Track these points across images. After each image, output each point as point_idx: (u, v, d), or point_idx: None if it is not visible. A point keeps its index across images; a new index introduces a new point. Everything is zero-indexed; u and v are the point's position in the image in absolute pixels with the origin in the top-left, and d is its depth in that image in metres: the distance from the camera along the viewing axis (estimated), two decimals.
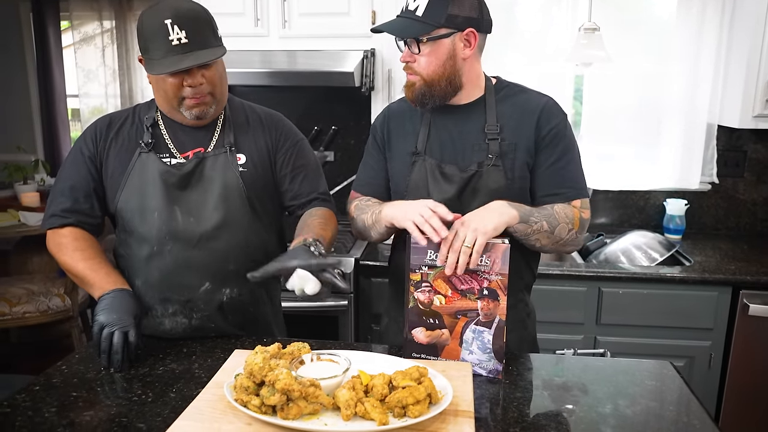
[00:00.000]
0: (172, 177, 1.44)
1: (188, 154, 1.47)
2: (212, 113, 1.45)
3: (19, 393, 1.21)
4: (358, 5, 2.41)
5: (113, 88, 5.13)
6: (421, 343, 1.31)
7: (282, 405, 1.02)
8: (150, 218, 1.45)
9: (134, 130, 1.49)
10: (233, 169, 1.47)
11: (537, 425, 1.10)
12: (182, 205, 1.45)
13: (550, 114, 1.42)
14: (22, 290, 3.09)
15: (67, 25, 5.09)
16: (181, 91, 1.38)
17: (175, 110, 1.44)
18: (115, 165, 1.47)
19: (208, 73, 1.39)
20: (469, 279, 1.26)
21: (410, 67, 1.39)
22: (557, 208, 1.39)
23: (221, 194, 1.46)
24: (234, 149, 1.48)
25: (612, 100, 2.71)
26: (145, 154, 1.46)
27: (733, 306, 2.20)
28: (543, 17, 2.70)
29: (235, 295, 1.50)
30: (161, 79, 1.38)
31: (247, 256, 1.47)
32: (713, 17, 2.50)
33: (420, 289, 1.29)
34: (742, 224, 2.77)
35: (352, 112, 2.85)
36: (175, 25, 1.32)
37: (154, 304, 1.48)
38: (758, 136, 2.68)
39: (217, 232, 1.45)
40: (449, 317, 1.29)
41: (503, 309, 1.26)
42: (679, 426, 1.12)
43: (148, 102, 1.53)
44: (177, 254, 1.45)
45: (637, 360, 1.38)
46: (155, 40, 1.34)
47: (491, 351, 1.27)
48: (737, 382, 2.24)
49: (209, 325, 1.49)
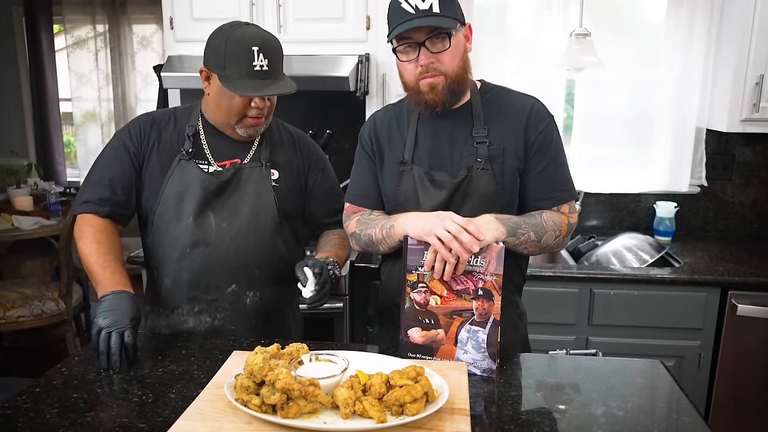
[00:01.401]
0: (212, 185, 1.53)
1: (225, 163, 1.56)
2: (260, 132, 1.56)
3: (19, 395, 1.23)
4: (353, 11, 2.43)
5: (106, 92, 5.13)
6: (417, 343, 1.33)
7: (282, 404, 1.04)
8: (185, 222, 1.53)
9: (176, 135, 1.56)
10: (267, 183, 1.57)
11: (531, 423, 1.13)
12: (217, 210, 1.54)
13: (538, 118, 1.44)
14: (16, 294, 3.09)
15: (59, 29, 5.08)
16: (245, 110, 1.48)
17: (230, 126, 1.53)
18: (155, 166, 1.54)
19: (271, 98, 1.52)
20: (464, 279, 1.29)
21: (433, 68, 1.35)
22: (545, 216, 1.41)
23: (254, 203, 1.55)
24: (269, 164, 1.58)
25: (603, 105, 2.76)
26: (185, 161, 1.53)
27: (722, 306, 2.24)
28: (535, 23, 2.74)
29: (257, 299, 1.59)
30: (229, 96, 1.47)
31: (271, 264, 1.58)
32: (701, 24, 2.55)
33: (416, 290, 1.32)
34: (731, 226, 2.82)
35: (346, 116, 2.87)
36: (261, 53, 1.43)
37: (182, 302, 1.56)
38: (746, 140, 2.73)
39: (246, 238, 1.54)
40: (444, 317, 1.31)
41: (497, 309, 1.29)
42: (669, 423, 1.15)
43: (188, 107, 1.62)
44: (208, 256, 1.53)
45: (629, 359, 1.41)
46: (239, 63, 1.42)
47: (485, 350, 1.29)
48: (726, 380, 2.28)
49: (229, 326, 1.57)
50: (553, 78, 2.70)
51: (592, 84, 2.74)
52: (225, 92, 1.46)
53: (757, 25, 2.31)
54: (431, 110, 1.42)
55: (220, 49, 1.44)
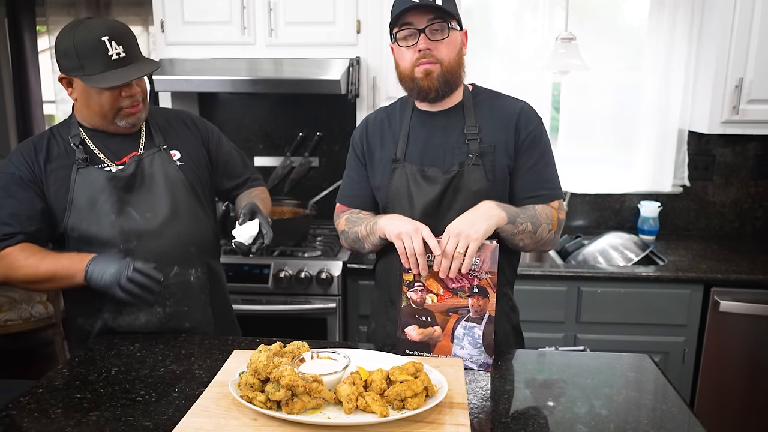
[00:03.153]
0: (119, 182, 1.52)
1: (124, 160, 1.55)
2: (143, 119, 1.56)
3: (22, 396, 1.24)
4: (343, 15, 2.46)
5: None
6: (414, 340, 1.37)
7: (287, 400, 1.07)
8: (106, 222, 1.51)
9: (63, 149, 1.52)
10: (172, 165, 1.59)
11: (527, 416, 1.17)
12: (135, 205, 1.54)
13: (528, 118, 1.49)
14: (4, 298, 3.07)
15: (43, 29, 5.03)
16: (118, 102, 1.47)
17: (108, 122, 1.50)
18: (56, 186, 1.50)
19: (140, 82, 1.50)
20: (460, 278, 1.33)
21: (430, 55, 1.40)
22: (538, 209, 1.46)
23: (167, 187, 1.57)
24: (166, 147, 1.60)
25: (588, 108, 2.81)
26: (84, 168, 1.50)
27: (705, 303, 2.30)
28: (519, 27, 2.79)
29: (201, 274, 1.63)
30: (97, 94, 1.44)
31: (204, 237, 1.64)
32: (683, 29, 2.62)
33: (413, 289, 1.35)
34: (712, 225, 2.90)
35: (336, 119, 2.90)
36: (113, 41, 1.41)
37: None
38: (726, 141, 2.81)
39: (173, 220, 1.57)
40: (441, 315, 1.35)
41: (492, 305, 1.33)
42: (657, 413, 1.19)
43: (65, 122, 1.57)
44: (143, 248, 1.53)
45: (618, 354, 1.46)
46: (93, 57, 1.40)
47: (482, 346, 1.33)
48: (710, 375, 2.34)
49: (182, 309, 1.58)
50: (537, 80, 2.76)
51: (576, 86, 2.79)
52: (91, 91, 1.44)
53: (736, 30, 2.38)
54: (424, 97, 1.46)
55: (71, 51, 1.40)
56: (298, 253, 2.44)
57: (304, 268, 2.33)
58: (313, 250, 2.48)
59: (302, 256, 2.41)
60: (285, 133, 2.96)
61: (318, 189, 2.91)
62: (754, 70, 2.39)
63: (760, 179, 2.83)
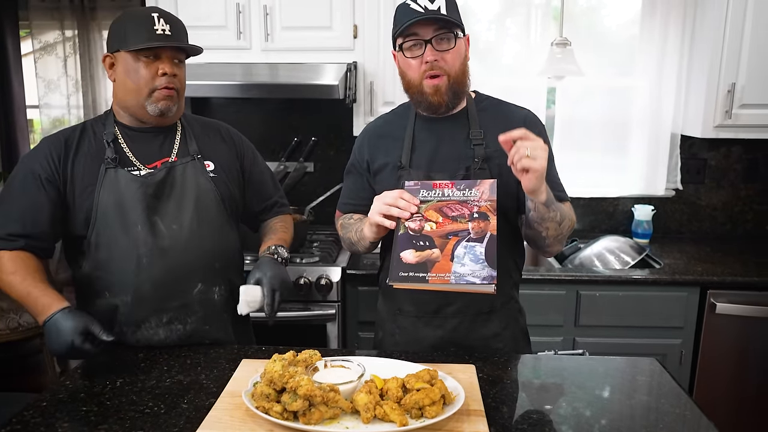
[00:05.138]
0: (149, 188, 1.47)
1: (155, 164, 1.51)
2: (174, 114, 1.51)
3: (26, 410, 1.20)
4: (340, 19, 2.45)
5: (76, 99, 5.00)
6: (410, 263, 1.27)
7: (304, 410, 1.05)
8: (133, 232, 1.45)
9: (94, 147, 1.49)
10: (205, 175, 1.54)
11: (543, 422, 1.16)
12: (162, 215, 1.48)
13: (533, 125, 1.50)
14: None
15: (26, 33, 4.95)
16: (154, 82, 1.44)
17: (141, 106, 1.46)
18: (82, 184, 1.46)
19: (179, 72, 1.48)
20: (459, 207, 1.31)
21: (437, 66, 1.40)
22: (566, 205, 1.47)
23: (197, 198, 1.52)
24: (201, 157, 1.55)
25: (582, 112, 2.83)
26: (112, 169, 1.46)
27: (701, 305, 2.32)
28: (504, 33, 2.80)
29: (225, 292, 1.57)
30: (134, 69, 1.43)
31: (230, 253, 1.59)
32: (675, 34, 2.66)
33: (411, 219, 1.33)
34: (704, 228, 2.93)
35: (332, 124, 2.88)
36: (162, 18, 1.43)
37: (148, 316, 1.49)
38: (717, 145, 2.84)
39: (200, 236, 1.51)
40: (440, 239, 1.29)
41: (494, 226, 1.28)
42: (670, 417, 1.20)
43: (100, 117, 1.55)
44: (168, 262, 1.47)
45: (627, 358, 1.46)
46: (139, 30, 1.41)
47: (484, 261, 1.24)
48: (706, 376, 2.37)
49: (203, 327, 1.53)
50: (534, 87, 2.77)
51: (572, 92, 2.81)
52: (131, 67, 1.43)
53: (728, 35, 2.42)
54: (433, 111, 1.48)
55: (120, 27, 1.44)
56: (296, 259, 2.41)
57: (303, 275, 2.31)
58: (311, 255, 2.46)
59: (300, 262, 2.39)
60: (280, 138, 2.93)
61: (314, 194, 2.88)
62: (747, 75, 2.43)
63: (750, 182, 2.88)
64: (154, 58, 1.43)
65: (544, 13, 2.73)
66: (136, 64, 1.43)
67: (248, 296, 1.46)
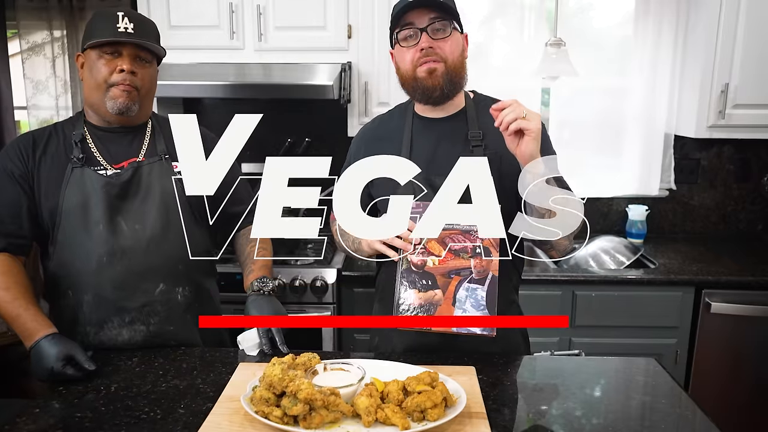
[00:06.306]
0: (113, 188, 1.47)
1: (122, 164, 1.50)
2: (135, 113, 1.49)
3: (19, 416, 1.17)
4: (334, 19, 2.44)
5: (64, 100, 4.92)
6: (413, 305, 1.31)
7: (304, 415, 1.03)
8: (95, 231, 1.46)
9: (62, 147, 1.50)
10: (170, 176, 1.52)
11: (545, 424, 1.15)
12: (126, 215, 1.48)
13: None
14: None
15: (13, 33, 4.89)
16: (111, 77, 1.44)
17: (101, 103, 1.46)
18: (48, 183, 1.46)
19: (141, 71, 1.47)
20: (461, 238, 1.30)
21: (433, 53, 1.38)
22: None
23: (162, 200, 1.50)
24: (168, 157, 1.53)
25: (576, 113, 2.84)
26: (78, 168, 1.46)
27: (696, 305, 2.33)
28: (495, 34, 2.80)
29: (188, 293, 1.55)
30: (96, 67, 1.44)
31: (194, 255, 1.52)
32: (668, 34, 2.66)
33: (413, 252, 1.32)
34: (697, 228, 2.95)
35: (326, 124, 2.87)
36: (127, 17, 1.44)
37: (110, 315, 1.48)
38: (709, 145, 2.86)
39: (164, 236, 1.50)
40: (442, 277, 1.30)
41: (496, 265, 1.28)
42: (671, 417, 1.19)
43: (72, 118, 1.56)
44: (130, 262, 1.47)
45: (625, 358, 1.45)
46: (103, 27, 1.43)
47: (485, 307, 1.27)
48: (702, 375, 2.37)
49: (167, 328, 1.52)
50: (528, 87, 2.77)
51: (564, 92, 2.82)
52: (93, 64, 1.45)
53: (721, 36, 2.43)
54: (428, 98, 1.43)
55: (89, 26, 1.45)
56: (290, 261, 2.39)
57: (298, 276, 2.29)
58: (306, 257, 2.44)
59: (295, 264, 2.37)
60: (273, 139, 2.90)
61: None
62: (740, 75, 2.44)
63: (743, 182, 2.89)
64: (116, 56, 1.44)
65: (538, 14, 2.74)
66: (98, 61, 1.44)
67: (246, 344, 1.43)
